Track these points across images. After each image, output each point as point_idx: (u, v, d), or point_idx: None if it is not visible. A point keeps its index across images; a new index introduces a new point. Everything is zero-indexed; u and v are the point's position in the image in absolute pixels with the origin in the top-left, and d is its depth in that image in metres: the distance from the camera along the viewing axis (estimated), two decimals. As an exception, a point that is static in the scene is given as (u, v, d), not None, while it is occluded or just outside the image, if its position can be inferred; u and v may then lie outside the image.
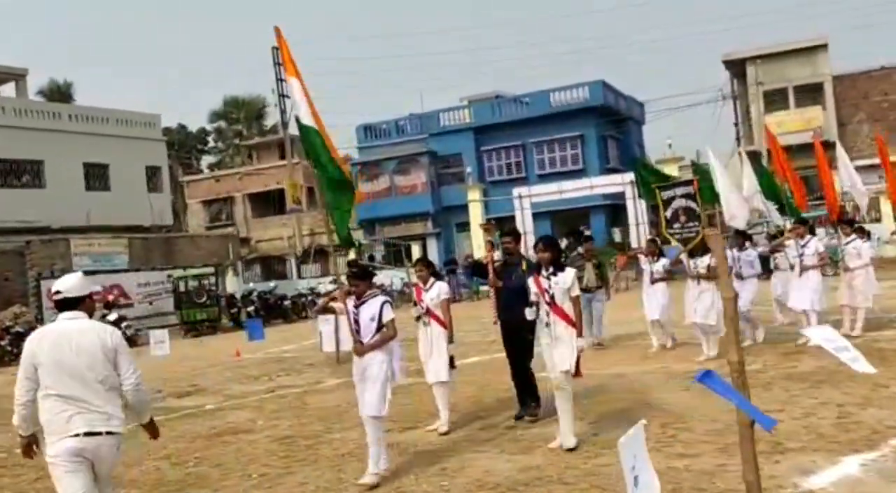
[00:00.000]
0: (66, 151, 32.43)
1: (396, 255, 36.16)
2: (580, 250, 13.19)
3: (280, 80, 35.24)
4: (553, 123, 35.26)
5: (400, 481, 5.94)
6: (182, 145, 57.63)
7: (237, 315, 26.19)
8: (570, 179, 33.29)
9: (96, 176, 34.14)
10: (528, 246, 33.18)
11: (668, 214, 10.89)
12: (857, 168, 31.85)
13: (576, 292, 6.47)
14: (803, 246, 10.84)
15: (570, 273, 6.50)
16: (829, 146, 31.75)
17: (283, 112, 36.64)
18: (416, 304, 7.74)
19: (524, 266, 7.37)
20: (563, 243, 35.76)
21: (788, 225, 12.49)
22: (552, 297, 6.40)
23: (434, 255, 35.90)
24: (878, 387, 7.45)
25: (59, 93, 47.65)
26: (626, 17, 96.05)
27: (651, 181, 12.22)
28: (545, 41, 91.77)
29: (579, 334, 6.43)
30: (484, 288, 29.89)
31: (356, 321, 6.15)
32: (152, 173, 36.85)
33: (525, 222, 30.47)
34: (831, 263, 12.41)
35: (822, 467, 5.25)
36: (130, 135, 35.63)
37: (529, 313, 6.48)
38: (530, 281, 6.59)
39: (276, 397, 10.68)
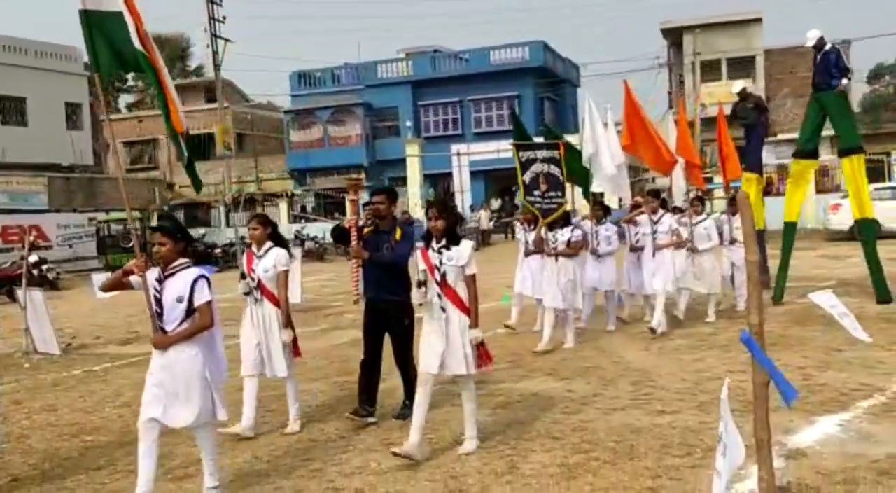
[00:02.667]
0: (-22, 81, 30.49)
1: (328, 207, 35.68)
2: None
3: (213, 19, 33.79)
4: (491, 82, 35.18)
5: (386, 433, 5.91)
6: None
7: (164, 262, 25.46)
8: (506, 138, 33.34)
9: (12, 110, 32.24)
10: (464, 206, 33.09)
11: (527, 178, 9.31)
12: (781, 142, 32.95)
13: (472, 269, 5.25)
14: (656, 222, 9.65)
15: (466, 247, 5.27)
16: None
17: (214, 53, 35.21)
18: (244, 275, 6.14)
19: (398, 234, 6.11)
20: (497, 204, 35.86)
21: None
22: (443, 276, 5.19)
23: (366, 208, 35.58)
24: (832, 351, 7.80)
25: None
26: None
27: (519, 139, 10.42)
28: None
29: (474, 324, 5.22)
30: (419, 244, 29.89)
31: (158, 301, 4.57)
32: (72, 110, 35.04)
33: (463, 181, 30.45)
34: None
35: (800, 426, 5.45)
36: (49, 68, 33.67)
37: (417, 296, 5.26)
38: (418, 255, 5.36)
39: (229, 348, 10.43)
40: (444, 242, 5.24)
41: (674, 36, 35.10)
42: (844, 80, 11.00)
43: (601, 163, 9.60)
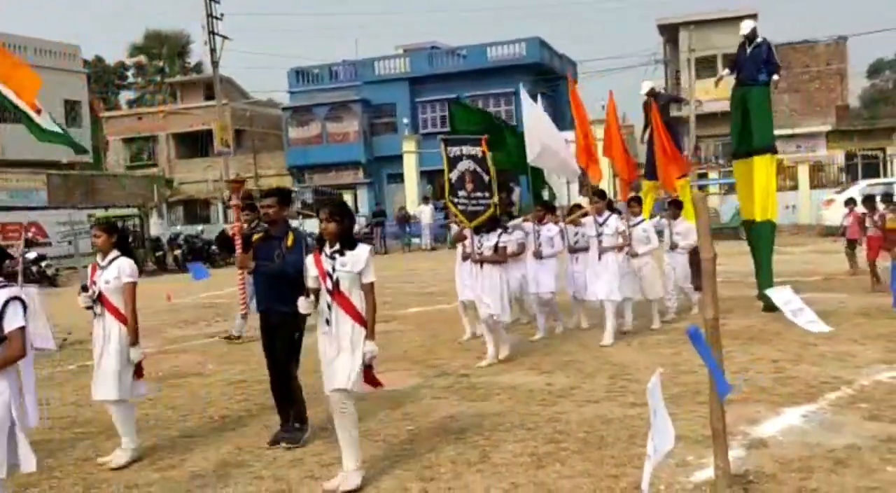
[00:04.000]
0: (-23, 79, 30.65)
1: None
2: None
3: (211, 16, 33.92)
4: (488, 78, 35.24)
5: (366, 424, 6.07)
6: (98, 79, 55.10)
7: (163, 259, 25.66)
8: (503, 134, 33.48)
9: (12, 107, 32.40)
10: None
11: (454, 177, 8.48)
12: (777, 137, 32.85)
13: (369, 277, 4.83)
14: (602, 224, 8.99)
15: (363, 251, 4.84)
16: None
17: (212, 51, 35.35)
18: (85, 287, 5.59)
19: (290, 240, 5.72)
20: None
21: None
22: (336, 283, 4.79)
23: (364, 205, 35.76)
24: (808, 345, 7.98)
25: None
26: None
27: (463, 126, 9.61)
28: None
29: (369, 336, 4.79)
30: (416, 240, 30.03)
31: None
32: (71, 107, 35.23)
33: (458, 176, 30.55)
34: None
35: (766, 417, 5.64)
36: (48, 65, 33.75)
37: (304, 305, 4.85)
38: (309, 261, 4.95)
39: (220, 342, 10.67)
40: (337, 246, 4.84)
41: (670, 32, 35.22)
42: (776, 77, 10.44)
43: (544, 162, 9.55)
